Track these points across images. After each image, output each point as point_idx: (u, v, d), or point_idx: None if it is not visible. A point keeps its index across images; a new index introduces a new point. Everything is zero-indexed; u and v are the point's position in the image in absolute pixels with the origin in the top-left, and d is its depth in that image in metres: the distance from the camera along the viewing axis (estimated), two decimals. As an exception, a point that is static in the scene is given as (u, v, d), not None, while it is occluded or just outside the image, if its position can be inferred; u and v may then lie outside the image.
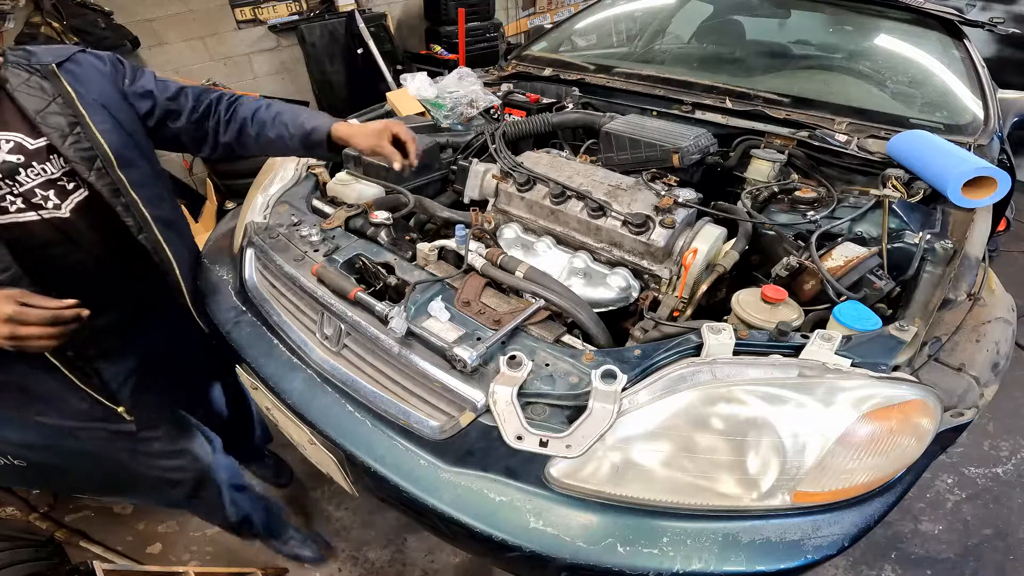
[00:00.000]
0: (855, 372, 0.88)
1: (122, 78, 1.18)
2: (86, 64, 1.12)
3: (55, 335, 0.93)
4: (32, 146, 1.01)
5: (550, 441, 0.89)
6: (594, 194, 1.36)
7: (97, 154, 1.06)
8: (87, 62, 1.12)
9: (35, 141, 1.01)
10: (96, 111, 1.08)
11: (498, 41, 4.54)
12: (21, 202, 1.00)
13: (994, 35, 2.40)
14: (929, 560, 1.76)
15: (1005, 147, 1.66)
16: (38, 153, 1.02)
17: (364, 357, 1.14)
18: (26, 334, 0.89)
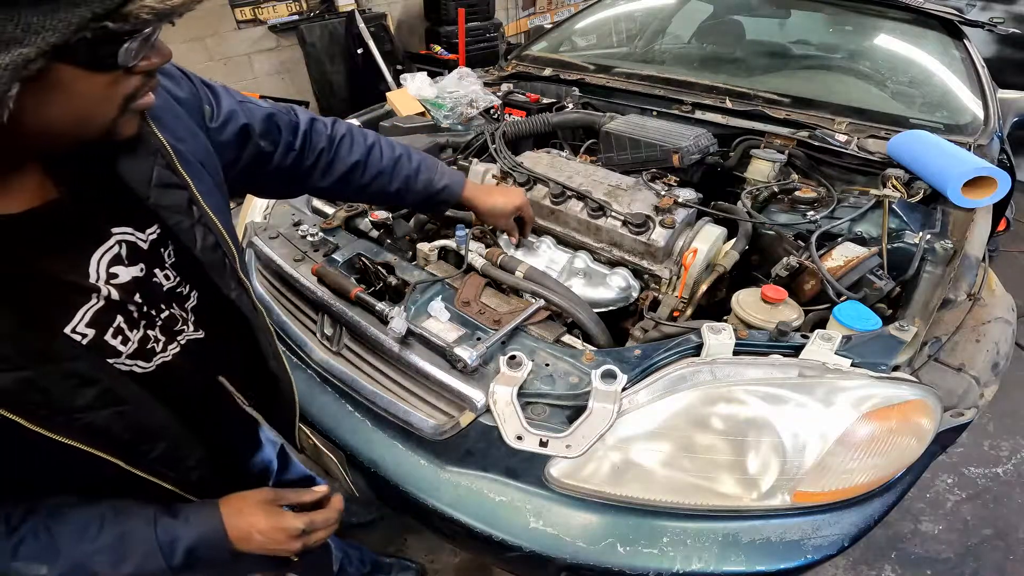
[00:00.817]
0: (855, 372, 0.88)
1: (207, 113, 0.75)
2: (159, 91, 0.61)
3: (334, 528, 0.81)
4: (144, 244, 0.63)
5: (550, 441, 0.89)
6: (594, 194, 1.36)
7: (225, 253, 0.69)
8: (159, 87, 0.60)
9: (146, 234, 0.63)
10: (199, 177, 0.67)
11: (498, 41, 4.54)
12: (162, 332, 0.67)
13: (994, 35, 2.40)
14: (929, 560, 1.76)
15: (1005, 147, 1.66)
16: (150, 255, 0.64)
17: (364, 357, 1.14)
18: (315, 541, 0.78)
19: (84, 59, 0.43)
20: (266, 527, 0.72)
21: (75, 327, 0.57)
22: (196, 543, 0.68)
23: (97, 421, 0.59)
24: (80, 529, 0.63)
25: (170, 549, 0.66)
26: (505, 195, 1.19)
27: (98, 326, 0.59)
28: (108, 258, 0.59)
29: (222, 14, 3.77)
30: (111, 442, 0.61)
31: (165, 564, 0.65)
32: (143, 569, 0.64)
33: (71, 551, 0.61)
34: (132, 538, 0.65)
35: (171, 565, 0.65)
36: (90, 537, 0.63)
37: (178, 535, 0.67)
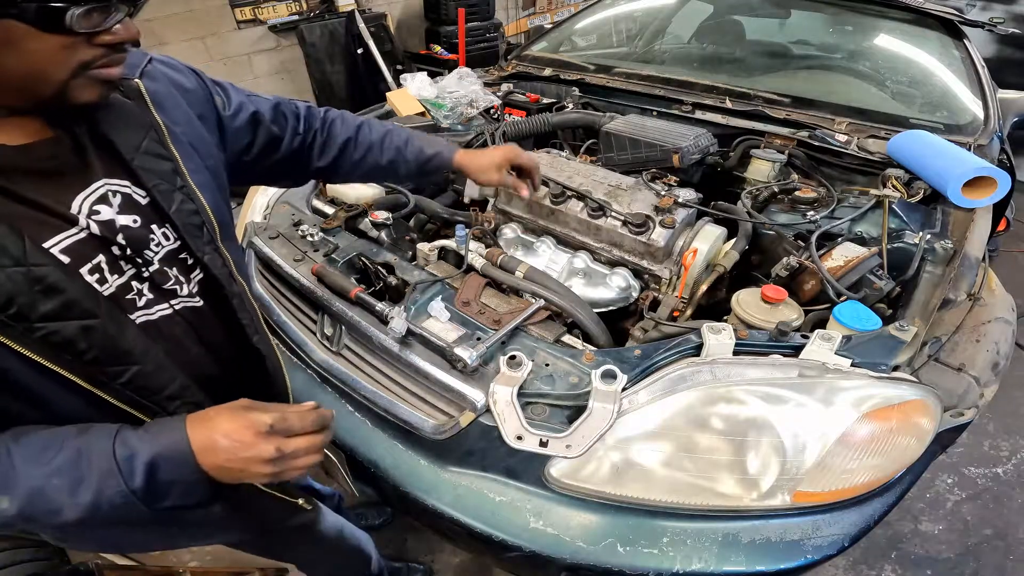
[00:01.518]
0: (855, 372, 0.88)
1: (219, 104, 0.84)
2: (163, 80, 0.75)
3: (320, 445, 0.69)
4: (143, 201, 0.69)
5: (550, 441, 0.89)
6: (594, 194, 1.36)
7: (204, 220, 0.74)
8: (164, 76, 0.76)
9: (142, 193, 0.69)
10: (188, 156, 0.74)
11: (498, 41, 4.54)
12: (149, 289, 0.70)
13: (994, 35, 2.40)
14: (929, 560, 1.76)
15: (1005, 147, 1.66)
16: (150, 212, 0.70)
17: (364, 357, 1.14)
18: (293, 448, 0.65)
19: (32, 18, 0.50)
20: (230, 427, 0.63)
21: (50, 247, 0.61)
22: (156, 457, 0.60)
23: (63, 332, 0.59)
24: (39, 451, 0.59)
25: (128, 466, 0.59)
26: (495, 149, 1.19)
27: (76, 256, 0.62)
28: (93, 198, 0.64)
29: (222, 14, 3.77)
30: (76, 360, 0.60)
31: (124, 484, 0.59)
32: (102, 494, 0.59)
33: (29, 476, 0.58)
34: (89, 455, 0.59)
35: (131, 486, 0.59)
36: (47, 459, 0.59)
37: (137, 449, 0.60)
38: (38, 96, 0.56)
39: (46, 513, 0.59)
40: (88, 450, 0.60)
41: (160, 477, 0.61)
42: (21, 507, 0.58)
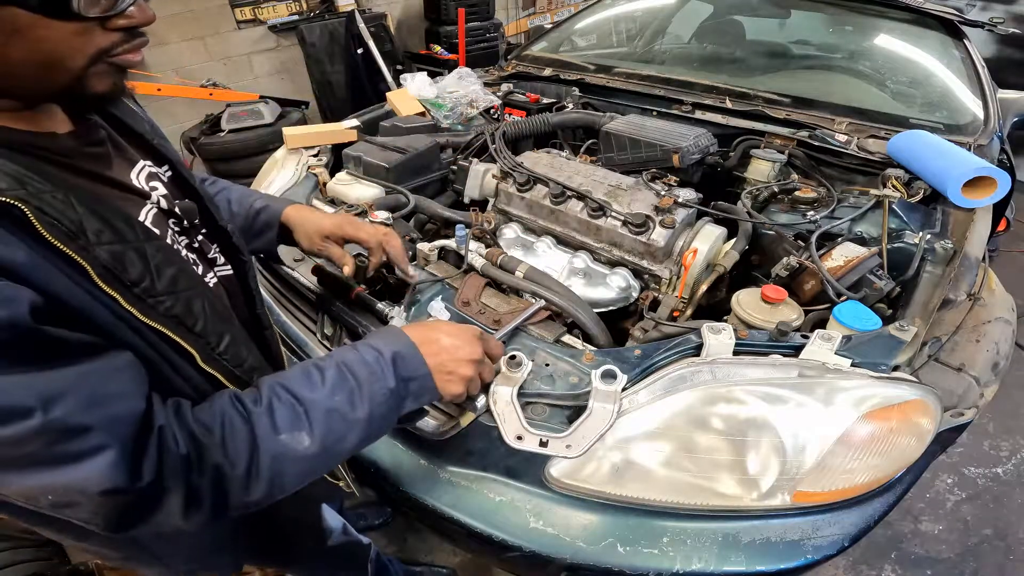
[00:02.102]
0: (855, 372, 0.88)
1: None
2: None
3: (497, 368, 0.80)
4: (166, 177, 0.73)
5: (550, 441, 0.89)
6: (594, 194, 1.36)
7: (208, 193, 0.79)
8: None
9: (165, 169, 0.73)
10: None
11: (498, 41, 4.54)
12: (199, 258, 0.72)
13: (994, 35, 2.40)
14: (929, 560, 1.76)
15: (1005, 147, 1.66)
16: (176, 189, 0.73)
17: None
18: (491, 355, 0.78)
19: (35, 5, 0.47)
20: (453, 330, 0.74)
21: (144, 221, 0.64)
22: (395, 354, 0.67)
23: (180, 303, 0.61)
24: (304, 380, 0.63)
25: (379, 366, 0.66)
26: (327, 217, 1.02)
27: (160, 228, 0.65)
28: (144, 174, 0.68)
29: (222, 14, 3.78)
30: (189, 332, 0.62)
31: (385, 384, 0.65)
32: (373, 400, 0.64)
33: (316, 403, 0.61)
34: (348, 366, 0.65)
35: (388, 385, 0.65)
36: (317, 382, 0.63)
37: (380, 348, 0.67)
38: (57, 85, 0.54)
39: (336, 442, 0.62)
40: (343, 363, 0.65)
41: (401, 372, 0.67)
42: (322, 439, 0.61)
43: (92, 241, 0.53)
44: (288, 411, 0.60)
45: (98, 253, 0.53)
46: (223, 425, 0.58)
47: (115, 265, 0.55)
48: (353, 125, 1.82)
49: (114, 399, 0.51)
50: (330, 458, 0.64)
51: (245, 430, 0.58)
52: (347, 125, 1.82)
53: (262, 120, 3.51)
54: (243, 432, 0.58)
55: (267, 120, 3.52)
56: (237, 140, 3.44)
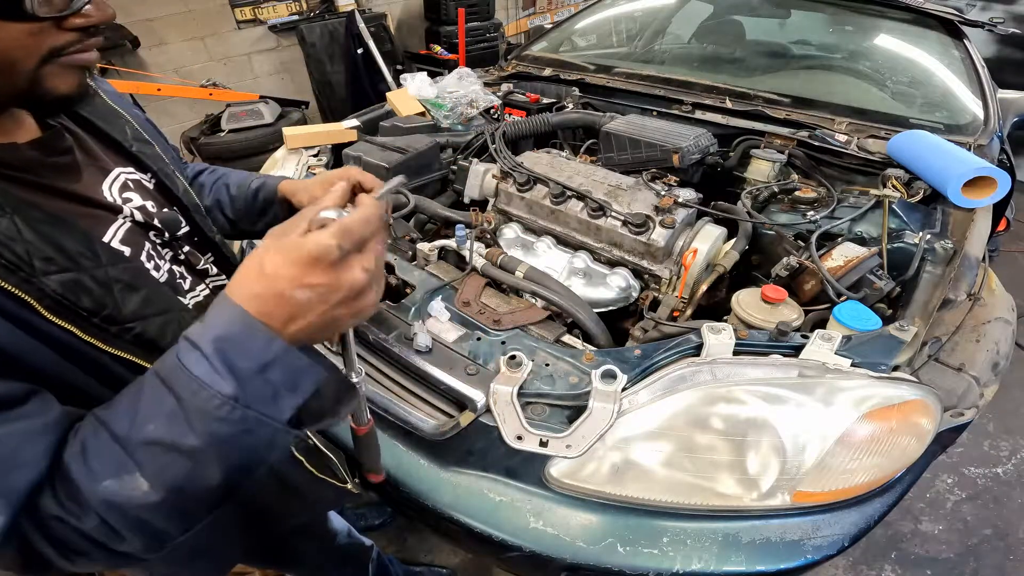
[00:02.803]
0: (855, 372, 0.88)
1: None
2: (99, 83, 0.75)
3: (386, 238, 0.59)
4: (150, 185, 0.70)
5: (550, 441, 0.89)
6: (594, 194, 1.36)
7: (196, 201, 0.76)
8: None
9: (148, 177, 0.70)
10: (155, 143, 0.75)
11: (498, 41, 4.54)
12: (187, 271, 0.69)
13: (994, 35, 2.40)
14: (929, 560, 1.76)
15: (1005, 147, 1.66)
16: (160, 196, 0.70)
17: (364, 357, 1.14)
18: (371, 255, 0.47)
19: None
20: (292, 272, 0.44)
21: (110, 241, 0.60)
22: (218, 334, 0.44)
23: (149, 331, 0.57)
24: (127, 405, 0.47)
25: (202, 366, 0.44)
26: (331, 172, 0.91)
27: (133, 245, 0.62)
28: (118, 185, 0.64)
29: (222, 14, 3.77)
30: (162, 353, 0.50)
31: (219, 392, 0.43)
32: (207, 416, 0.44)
33: (127, 439, 0.45)
34: (165, 379, 0.45)
35: (225, 392, 0.43)
36: (130, 409, 0.47)
37: (193, 337, 0.45)
38: (13, 88, 0.51)
39: (186, 481, 0.46)
40: (159, 374, 0.46)
41: (239, 365, 0.44)
42: (160, 482, 0.45)
43: (39, 270, 0.49)
44: (105, 450, 0.46)
45: (45, 284, 0.50)
46: (62, 478, 0.46)
47: (67, 295, 0.51)
48: (353, 125, 1.82)
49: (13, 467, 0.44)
50: (200, 501, 0.48)
51: (69, 482, 0.46)
52: (347, 125, 1.82)
53: (262, 120, 3.51)
54: (71, 484, 0.46)
55: (267, 120, 3.52)
56: (237, 140, 3.44)
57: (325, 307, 0.45)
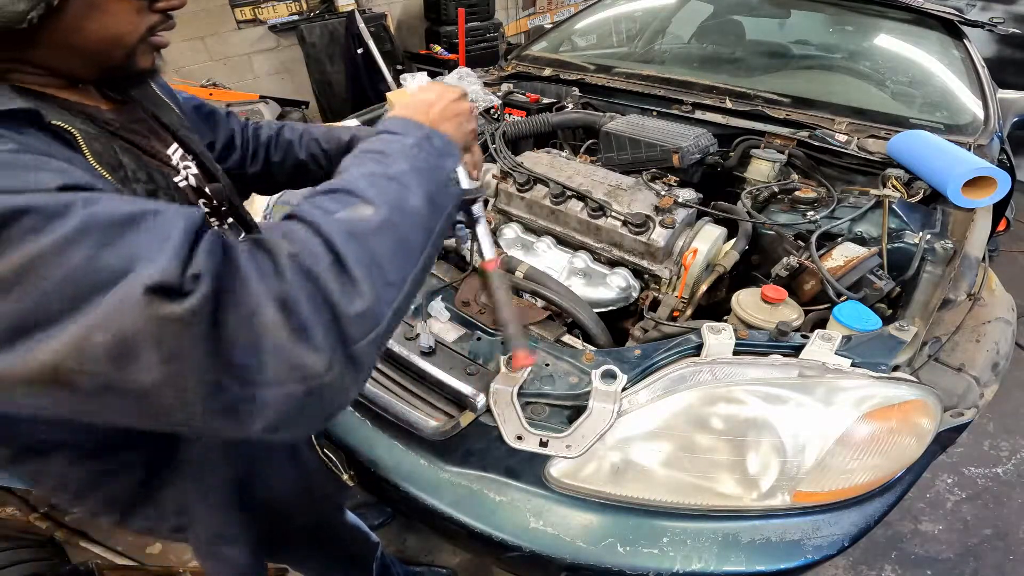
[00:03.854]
0: (855, 372, 0.88)
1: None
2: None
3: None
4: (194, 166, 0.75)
5: (550, 441, 0.89)
6: (594, 194, 1.36)
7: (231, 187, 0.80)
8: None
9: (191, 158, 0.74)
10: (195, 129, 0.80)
11: (498, 41, 4.54)
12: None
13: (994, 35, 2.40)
14: (929, 560, 1.76)
15: (1005, 147, 1.66)
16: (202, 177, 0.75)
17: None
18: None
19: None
20: (422, 91, 0.75)
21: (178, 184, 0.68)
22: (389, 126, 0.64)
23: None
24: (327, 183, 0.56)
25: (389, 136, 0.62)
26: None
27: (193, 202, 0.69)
28: (179, 155, 0.71)
29: (222, 14, 3.77)
30: None
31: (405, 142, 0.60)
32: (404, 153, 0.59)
33: (348, 180, 0.54)
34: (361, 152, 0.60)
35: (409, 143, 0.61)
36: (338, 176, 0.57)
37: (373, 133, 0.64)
38: (113, 60, 0.57)
39: (399, 200, 0.54)
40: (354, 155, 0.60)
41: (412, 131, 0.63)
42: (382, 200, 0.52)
43: (131, 178, 0.57)
44: (328, 198, 0.52)
45: (136, 188, 0.58)
46: (276, 231, 0.48)
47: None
48: (353, 125, 1.82)
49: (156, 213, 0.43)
50: (407, 218, 0.54)
51: (301, 227, 0.48)
52: (347, 125, 1.81)
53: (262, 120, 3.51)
54: (300, 228, 0.48)
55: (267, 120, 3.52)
56: (237, 140, 3.44)
57: (456, 118, 0.71)
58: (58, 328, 0.36)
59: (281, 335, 0.40)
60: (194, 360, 0.38)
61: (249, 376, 0.40)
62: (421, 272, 0.56)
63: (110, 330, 0.36)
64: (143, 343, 0.36)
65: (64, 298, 0.36)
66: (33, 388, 0.36)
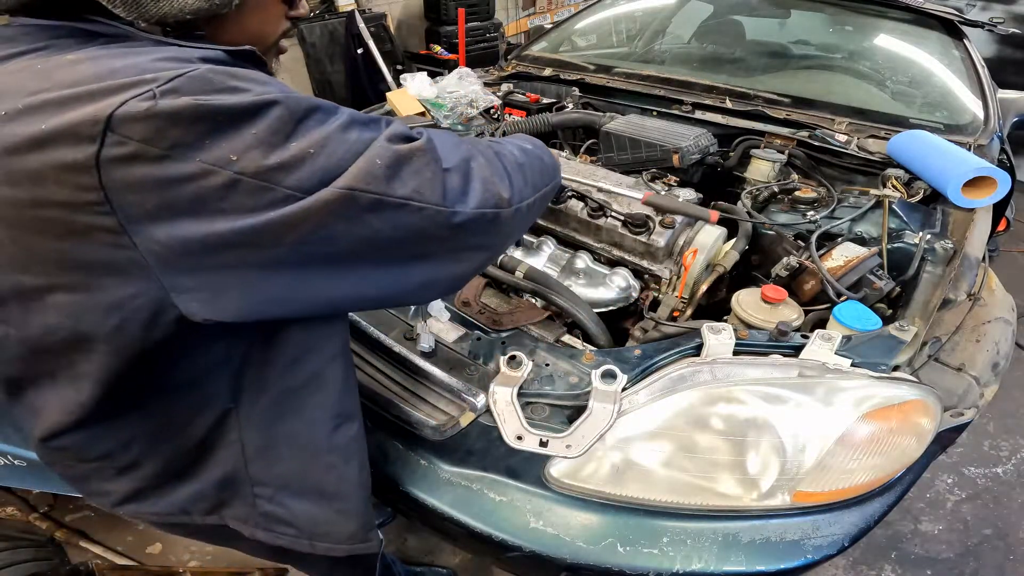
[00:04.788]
0: (855, 372, 0.88)
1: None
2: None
3: None
4: None
5: (550, 441, 0.89)
6: (594, 194, 1.36)
7: None
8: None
9: None
10: None
11: (498, 41, 4.54)
12: None
13: (994, 35, 2.40)
14: (929, 560, 1.76)
15: (1005, 147, 1.66)
16: None
17: (363, 356, 1.14)
18: None
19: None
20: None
21: None
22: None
23: None
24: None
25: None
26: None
27: None
28: None
29: (222, 14, 3.77)
30: None
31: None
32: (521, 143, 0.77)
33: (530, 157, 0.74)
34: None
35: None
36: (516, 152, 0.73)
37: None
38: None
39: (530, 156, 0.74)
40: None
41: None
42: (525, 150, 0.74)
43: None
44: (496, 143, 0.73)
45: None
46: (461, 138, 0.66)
47: None
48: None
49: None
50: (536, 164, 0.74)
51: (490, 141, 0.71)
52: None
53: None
54: (481, 141, 0.69)
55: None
56: (237, 140, 3.44)
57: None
58: (353, 165, 0.51)
59: (487, 172, 0.61)
60: (428, 174, 0.55)
61: (463, 192, 0.58)
62: (542, 200, 0.76)
63: (383, 158, 0.52)
64: (399, 164, 0.53)
65: (350, 153, 0.51)
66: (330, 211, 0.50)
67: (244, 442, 0.71)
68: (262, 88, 0.50)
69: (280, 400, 0.70)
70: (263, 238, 0.49)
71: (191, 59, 0.51)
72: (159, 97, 0.44)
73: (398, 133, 0.55)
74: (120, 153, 0.44)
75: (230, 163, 0.46)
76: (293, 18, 0.67)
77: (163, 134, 0.44)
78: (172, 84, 0.46)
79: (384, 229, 0.53)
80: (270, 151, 0.48)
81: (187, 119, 0.45)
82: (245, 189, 0.47)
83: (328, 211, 0.49)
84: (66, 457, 0.69)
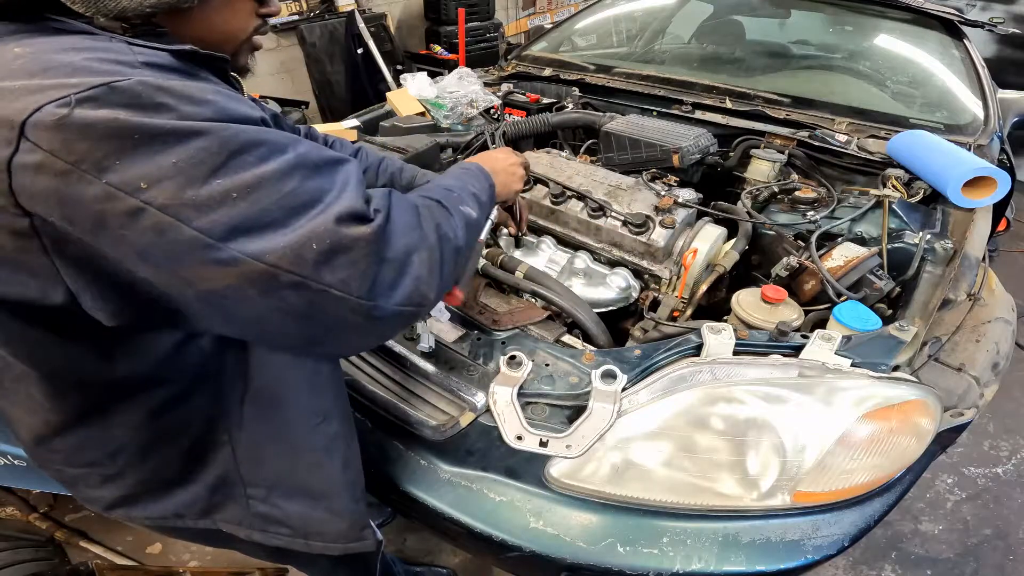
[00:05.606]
0: (855, 372, 0.88)
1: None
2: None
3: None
4: None
5: (550, 441, 0.89)
6: (594, 194, 1.36)
7: None
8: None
9: None
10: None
11: (498, 41, 4.54)
12: None
13: (994, 35, 2.40)
14: (929, 560, 1.76)
15: (1005, 147, 1.66)
16: None
17: (364, 356, 1.14)
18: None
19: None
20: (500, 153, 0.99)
21: None
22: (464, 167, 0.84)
23: None
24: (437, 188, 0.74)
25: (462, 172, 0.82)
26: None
27: None
28: None
29: (222, 14, 3.77)
30: None
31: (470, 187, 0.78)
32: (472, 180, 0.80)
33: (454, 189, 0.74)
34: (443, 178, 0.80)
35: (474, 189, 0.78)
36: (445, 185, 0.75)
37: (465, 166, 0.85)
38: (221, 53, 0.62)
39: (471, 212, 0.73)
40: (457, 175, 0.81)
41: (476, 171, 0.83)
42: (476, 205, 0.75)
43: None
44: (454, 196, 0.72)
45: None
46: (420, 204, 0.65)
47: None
48: (353, 125, 1.82)
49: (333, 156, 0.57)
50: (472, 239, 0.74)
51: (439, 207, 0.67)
52: (347, 125, 1.82)
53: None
54: (438, 209, 0.66)
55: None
56: (237, 140, 3.44)
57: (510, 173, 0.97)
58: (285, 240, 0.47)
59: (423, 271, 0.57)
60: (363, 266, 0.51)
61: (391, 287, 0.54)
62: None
63: (320, 242, 0.48)
64: (335, 252, 0.49)
65: (278, 207, 0.48)
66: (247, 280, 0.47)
67: (234, 443, 0.71)
68: (194, 109, 0.46)
69: (259, 399, 0.70)
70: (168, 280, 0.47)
71: (133, 63, 0.48)
72: (75, 106, 0.42)
73: (350, 211, 0.51)
74: (29, 161, 0.42)
75: (138, 190, 0.43)
76: (264, 15, 0.65)
77: (70, 147, 0.42)
78: (92, 92, 0.43)
79: (299, 304, 0.50)
80: (187, 185, 0.44)
81: (98, 134, 0.42)
82: (150, 222, 0.44)
83: (245, 280, 0.47)
84: (55, 461, 0.70)
